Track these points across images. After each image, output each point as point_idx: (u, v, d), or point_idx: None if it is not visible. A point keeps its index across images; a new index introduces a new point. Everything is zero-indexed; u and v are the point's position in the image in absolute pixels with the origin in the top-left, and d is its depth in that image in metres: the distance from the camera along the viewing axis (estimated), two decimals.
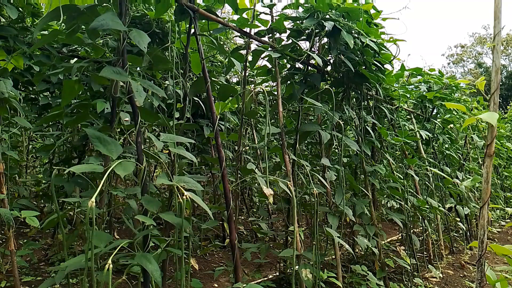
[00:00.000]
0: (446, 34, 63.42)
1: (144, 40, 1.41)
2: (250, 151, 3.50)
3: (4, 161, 2.08)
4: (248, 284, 1.79)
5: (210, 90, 2.00)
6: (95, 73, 1.61)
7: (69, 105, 1.74)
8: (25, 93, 2.95)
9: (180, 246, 1.52)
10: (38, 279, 2.35)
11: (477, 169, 4.41)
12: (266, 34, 2.53)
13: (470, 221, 4.27)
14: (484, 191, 1.39)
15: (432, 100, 3.71)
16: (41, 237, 3.09)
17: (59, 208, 2.79)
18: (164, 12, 2.23)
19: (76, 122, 1.80)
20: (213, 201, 3.61)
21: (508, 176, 6.46)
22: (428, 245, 3.40)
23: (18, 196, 3.22)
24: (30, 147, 4.05)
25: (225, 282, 2.64)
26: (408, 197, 2.94)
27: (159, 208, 1.37)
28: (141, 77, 1.93)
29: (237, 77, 4.06)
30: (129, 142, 1.82)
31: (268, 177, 2.16)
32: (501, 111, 10.85)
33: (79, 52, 2.51)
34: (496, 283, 1.42)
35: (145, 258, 1.25)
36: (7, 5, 2.00)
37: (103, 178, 1.21)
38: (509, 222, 4.99)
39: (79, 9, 1.38)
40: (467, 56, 36.82)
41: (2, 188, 1.68)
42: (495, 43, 1.36)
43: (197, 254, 2.92)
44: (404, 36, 11.97)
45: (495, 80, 1.36)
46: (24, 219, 1.69)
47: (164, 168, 3.48)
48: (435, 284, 2.94)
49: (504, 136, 5.62)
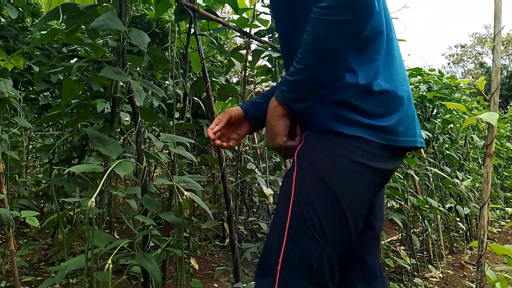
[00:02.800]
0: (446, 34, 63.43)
1: (144, 40, 1.41)
2: (250, 151, 3.50)
3: (4, 161, 2.08)
4: (248, 284, 1.79)
5: (210, 90, 2.00)
6: (95, 73, 1.61)
7: (69, 105, 1.74)
8: (25, 93, 2.94)
9: (180, 246, 1.52)
10: (38, 279, 2.35)
11: (477, 169, 4.41)
12: (266, 34, 2.53)
13: (470, 221, 4.27)
14: (484, 191, 1.39)
15: (432, 100, 3.71)
16: (41, 237, 3.09)
17: (59, 208, 2.79)
18: (164, 12, 2.23)
19: (76, 122, 1.80)
20: (213, 201, 3.61)
21: (508, 176, 6.46)
22: (428, 245, 3.41)
23: (18, 196, 3.22)
24: (30, 147, 4.05)
25: (225, 282, 2.64)
26: (408, 197, 2.94)
27: (159, 208, 1.37)
28: (141, 77, 1.93)
29: (237, 77, 4.06)
30: (129, 142, 1.82)
31: (268, 177, 2.16)
32: (501, 111, 10.85)
33: (79, 52, 2.51)
34: (496, 283, 1.42)
35: (145, 258, 1.25)
36: (7, 5, 2.00)
37: (103, 178, 1.21)
38: (509, 222, 5.00)
39: (79, 8, 1.38)
40: (467, 56, 36.83)
41: (2, 188, 1.68)
42: (495, 43, 1.36)
43: (197, 254, 2.92)
44: (404, 36, 11.99)
45: (495, 80, 1.36)
46: (24, 219, 1.69)
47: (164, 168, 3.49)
48: (435, 284, 2.95)
49: (504, 136, 5.62)
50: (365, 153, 0.93)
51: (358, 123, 0.92)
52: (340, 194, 0.92)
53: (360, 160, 0.93)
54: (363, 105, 0.93)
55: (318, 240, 0.90)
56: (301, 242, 0.91)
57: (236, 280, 1.87)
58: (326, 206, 0.92)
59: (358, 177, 0.94)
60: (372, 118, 0.93)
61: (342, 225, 0.93)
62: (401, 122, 0.96)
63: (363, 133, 0.92)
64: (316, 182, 0.93)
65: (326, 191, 0.92)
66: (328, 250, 0.91)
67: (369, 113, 0.93)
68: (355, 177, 0.94)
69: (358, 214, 0.96)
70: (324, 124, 0.95)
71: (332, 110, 0.94)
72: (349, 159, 0.93)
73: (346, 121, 0.93)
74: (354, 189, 0.94)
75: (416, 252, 3.10)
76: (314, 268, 0.91)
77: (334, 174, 0.93)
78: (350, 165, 0.93)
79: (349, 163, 0.93)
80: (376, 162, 0.95)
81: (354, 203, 0.94)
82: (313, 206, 0.91)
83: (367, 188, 0.97)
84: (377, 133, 0.93)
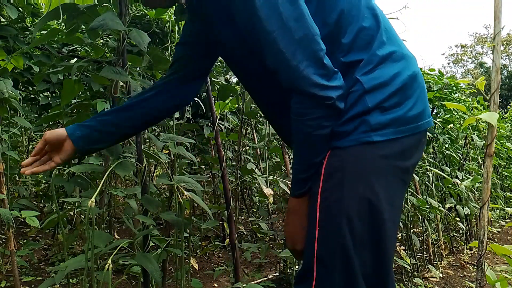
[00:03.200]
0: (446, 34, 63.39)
1: (144, 40, 1.41)
2: (250, 151, 3.50)
3: (4, 161, 2.08)
4: (248, 284, 1.79)
5: (210, 90, 2.00)
6: (95, 73, 1.61)
7: (69, 105, 1.74)
8: (25, 93, 2.94)
9: (180, 246, 1.52)
10: (38, 279, 2.35)
11: (477, 169, 4.41)
12: None
13: (470, 221, 4.27)
14: (484, 191, 1.39)
15: (432, 100, 3.71)
16: (41, 237, 3.09)
17: (59, 208, 2.79)
18: (164, 12, 2.23)
19: (76, 122, 1.80)
20: (213, 201, 3.61)
21: (508, 176, 6.46)
22: (428, 245, 3.40)
23: (18, 196, 3.22)
24: (30, 147, 4.05)
25: (225, 282, 2.64)
26: (408, 197, 2.93)
27: (159, 208, 1.38)
28: (141, 77, 1.93)
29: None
30: (129, 142, 1.81)
31: (268, 177, 2.16)
32: (501, 111, 10.85)
33: (79, 52, 2.50)
34: (496, 283, 1.42)
35: (146, 258, 1.25)
36: (7, 5, 1.99)
37: (103, 178, 1.21)
38: (509, 222, 4.99)
39: (79, 8, 1.38)
40: (467, 56, 36.82)
41: (2, 188, 1.68)
42: (495, 43, 1.36)
43: (197, 254, 2.92)
44: (404, 36, 11.98)
45: (495, 80, 1.36)
46: (24, 219, 1.69)
47: (164, 168, 3.49)
48: (435, 284, 2.94)
49: (504, 136, 5.62)
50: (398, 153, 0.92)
51: (388, 122, 0.90)
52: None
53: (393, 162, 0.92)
54: (382, 101, 0.90)
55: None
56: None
57: (236, 280, 1.87)
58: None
59: (397, 185, 0.94)
60: (394, 110, 0.91)
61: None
62: (417, 102, 0.94)
63: (392, 134, 0.90)
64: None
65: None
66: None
67: (389, 106, 0.91)
68: (395, 186, 0.93)
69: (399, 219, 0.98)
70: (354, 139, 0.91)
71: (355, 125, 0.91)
72: (391, 166, 0.91)
73: (372, 127, 0.90)
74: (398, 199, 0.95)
75: (416, 252, 3.09)
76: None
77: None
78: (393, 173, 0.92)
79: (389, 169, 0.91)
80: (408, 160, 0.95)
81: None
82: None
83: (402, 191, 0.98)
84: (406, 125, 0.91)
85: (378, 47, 0.92)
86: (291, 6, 0.84)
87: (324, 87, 0.85)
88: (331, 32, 0.92)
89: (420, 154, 1.00)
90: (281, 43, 0.85)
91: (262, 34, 0.86)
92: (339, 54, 0.92)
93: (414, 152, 0.96)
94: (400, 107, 0.91)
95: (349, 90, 0.91)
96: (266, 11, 0.84)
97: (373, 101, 0.89)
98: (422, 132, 0.96)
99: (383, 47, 0.93)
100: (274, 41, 0.85)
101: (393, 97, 0.90)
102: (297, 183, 0.96)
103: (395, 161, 0.91)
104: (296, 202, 0.98)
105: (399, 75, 0.92)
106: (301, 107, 0.88)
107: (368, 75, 0.90)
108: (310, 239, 0.93)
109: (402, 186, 0.96)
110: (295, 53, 0.84)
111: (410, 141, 0.93)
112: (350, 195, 0.89)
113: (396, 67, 0.93)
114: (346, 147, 0.90)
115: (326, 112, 0.87)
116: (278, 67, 0.88)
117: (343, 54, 0.92)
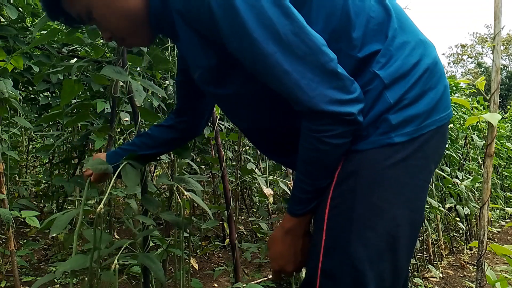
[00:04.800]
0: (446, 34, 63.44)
1: None
2: (250, 151, 3.50)
3: (4, 161, 2.08)
4: (248, 284, 1.79)
5: None
6: (95, 73, 1.61)
7: (69, 105, 1.74)
8: (25, 93, 2.94)
9: (180, 246, 1.52)
10: (38, 279, 2.35)
11: (477, 169, 4.41)
12: None
13: (470, 221, 4.27)
14: (484, 191, 1.39)
15: None
16: (41, 237, 3.09)
17: (59, 208, 2.79)
18: None
19: (76, 122, 1.80)
20: (213, 201, 3.61)
21: (508, 176, 6.46)
22: (428, 245, 3.40)
23: (18, 196, 3.22)
24: (30, 147, 4.05)
25: (225, 282, 2.64)
26: None
27: (159, 208, 1.38)
28: (141, 77, 1.93)
29: None
30: None
31: (268, 177, 2.16)
32: (501, 111, 10.86)
33: (79, 52, 2.50)
34: (496, 283, 1.42)
35: (148, 258, 1.25)
36: (7, 5, 1.99)
37: (110, 182, 1.21)
38: (509, 222, 5.00)
39: None
40: (467, 56, 36.83)
41: (2, 188, 1.68)
42: (496, 43, 1.36)
43: (197, 254, 2.92)
44: None
45: (495, 80, 1.36)
46: (24, 219, 1.69)
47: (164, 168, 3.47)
48: (435, 284, 2.95)
49: (504, 136, 5.62)
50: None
51: (410, 119, 0.83)
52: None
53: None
54: (403, 95, 0.83)
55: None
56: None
57: (236, 280, 1.87)
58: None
59: (417, 188, 0.87)
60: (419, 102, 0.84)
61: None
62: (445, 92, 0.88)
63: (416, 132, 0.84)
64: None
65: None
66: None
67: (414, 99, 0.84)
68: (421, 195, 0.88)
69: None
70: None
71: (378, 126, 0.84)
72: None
73: (392, 126, 0.82)
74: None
75: (416, 252, 3.10)
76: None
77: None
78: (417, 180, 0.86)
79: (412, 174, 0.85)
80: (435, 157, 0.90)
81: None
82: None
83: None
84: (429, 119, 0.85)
85: (393, 36, 0.84)
86: (287, 21, 0.75)
87: (343, 102, 0.77)
88: (337, 29, 0.84)
89: (443, 149, 0.93)
90: (285, 63, 0.76)
91: (260, 57, 0.77)
92: (353, 50, 0.84)
93: (438, 148, 0.89)
94: (422, 99, 0.83)
95: (367, 88, 0.83)
96: (260, 32, 0.75)
97: (394, 97, 0.82)
98: (445, 125, 0.89)
99: (398, 35, 0.85)
100: (277, 62, 0.76)
101: (414, 89, 0.83)
102: (300, 202, 0.88)
103: (415, 161, 0.83)
104: (295, 221, 0.90)
105: (419, 63, 0.84)
106: (320, 123, 0.79)
107: (387, 69, 0.83)
108: (314, 248, 0.86)
109: (423, 186, 0.88)
110: (303, 71, 0.76)
111: (433, 137, 0.85)
112: (362, 205, 0.82)
113: (416, 55, 0.85)
114: (363, 151, 0.83)
115: (347, 128, 0.79)
116: (286, 90, 0.78)
117: (358, 50, 0.84)
